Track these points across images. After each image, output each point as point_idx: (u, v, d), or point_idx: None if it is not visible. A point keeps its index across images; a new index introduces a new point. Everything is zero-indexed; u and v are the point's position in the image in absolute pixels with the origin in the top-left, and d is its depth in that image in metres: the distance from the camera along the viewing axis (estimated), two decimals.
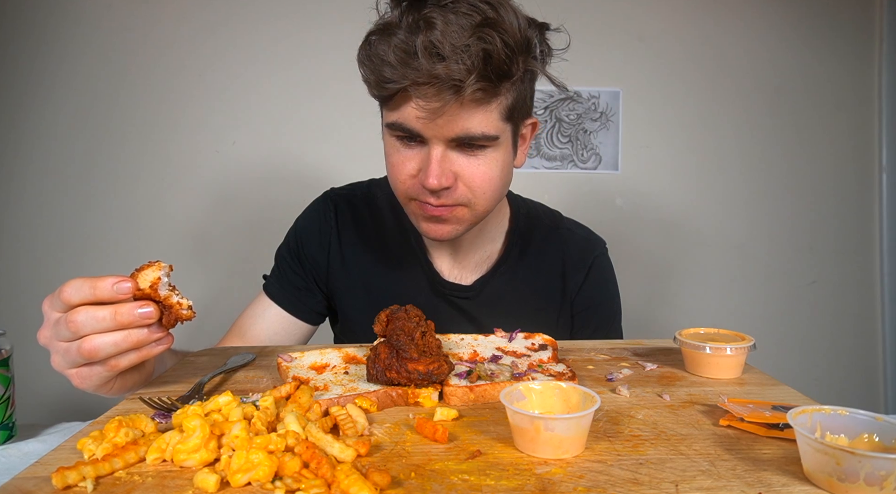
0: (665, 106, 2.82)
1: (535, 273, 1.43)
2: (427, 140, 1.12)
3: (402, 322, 0.91)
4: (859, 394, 2.95)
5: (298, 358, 1.02)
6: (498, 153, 1.17)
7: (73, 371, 0.91)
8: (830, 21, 2.85)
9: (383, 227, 1.44)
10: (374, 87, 1.11)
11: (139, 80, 2.64)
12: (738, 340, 1.00)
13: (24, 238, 2.63)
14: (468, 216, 1.21)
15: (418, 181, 1.16)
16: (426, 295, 1.41)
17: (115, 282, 0.84)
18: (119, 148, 2.65)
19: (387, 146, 1.21)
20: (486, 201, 1.20)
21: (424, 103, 1.05)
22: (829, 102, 2.88)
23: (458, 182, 1.16)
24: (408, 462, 0.68)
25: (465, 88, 1.02)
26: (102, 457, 0.66)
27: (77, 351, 0.86)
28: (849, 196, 2.91)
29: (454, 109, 1.07)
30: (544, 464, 0.67)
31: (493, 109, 1.11)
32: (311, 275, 1.46)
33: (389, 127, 1.15)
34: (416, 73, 1.02)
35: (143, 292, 0.86)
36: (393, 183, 1.22)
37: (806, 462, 0.64)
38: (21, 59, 2.59)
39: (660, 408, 0.84)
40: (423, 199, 1.17)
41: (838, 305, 2.93)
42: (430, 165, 1.11)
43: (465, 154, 1.14)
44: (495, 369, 0.93)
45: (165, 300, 0.87)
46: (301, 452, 0.64)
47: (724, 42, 2.83)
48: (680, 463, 0.67)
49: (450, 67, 1.01)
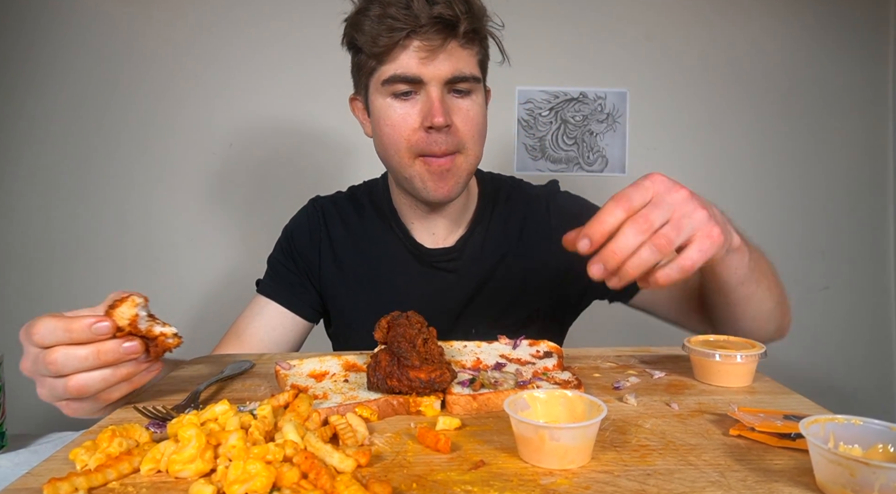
0: (673, 107, 2.83)
1: (506, 226, 1.53)
2: (425, 85, 1.28)
3: (404, 329, 0.91)
4: (874, 403, 2.94)
5: (297, 366, 1.02)
6: (480, 98, 1.36)
7: (63, 404, 0.90)
8: (843, 20, 2.85)
9: (365, 219, 1.55)
10: (374, 43, 1.26)
11: (134, 81, 2.65)
12: (748, 347, 1.00)
13: (16, 243, 2.64)
14: (464, 166, 1.36)
15: (422, 131, 1.29)
16: (414, 268, 1.50)
17: (91, 323, 0.82)
18: (114, 151, 2.66)
19: (382, 111, 1.33)
20: (475, 146, 1.36)
21: (426, 43, 1.24)
22: (842, 103, 2.88)
23: (455, 125, 1.31)
24: (409, 472, 0.68)
25: (459, 25, 1.24)
26: (95, 468, 0.66)
27: (64, 388, 0.85)
28: (862, 200, 2.91)
29: (448, 49, 1.26)
30: (549, 475, 0.67)
31: (474, 55, 1.33)
32: (304, 272, 1.53)
33: (388, 82, 1.29)
34: (415, 19, 1.22)
35: (123, 329, 0.84)
36: (395, 143, 1.33)
37: (819, 473, 0.64)
38: (13, 60, 2.60)
39: (668, 417, 0.84)
40: (429, 150, 1.30)
41: (852, 311, 2.93)
42: (433, 105, 1.27)
43: (456, 98, 1.32)
44: (499, 377, 0.93)
45: (148, 333, 0.86)
46: (300, 462, 0.64)
47: (733, 41, 2.83)
48: (689, 474, 0.67)
49: (444, 8, 1.23)
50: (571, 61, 2.79)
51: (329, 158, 2.69)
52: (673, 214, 0.89)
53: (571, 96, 2.80)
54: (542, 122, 2.80)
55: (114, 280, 2.67)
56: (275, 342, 1.47)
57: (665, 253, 0.87)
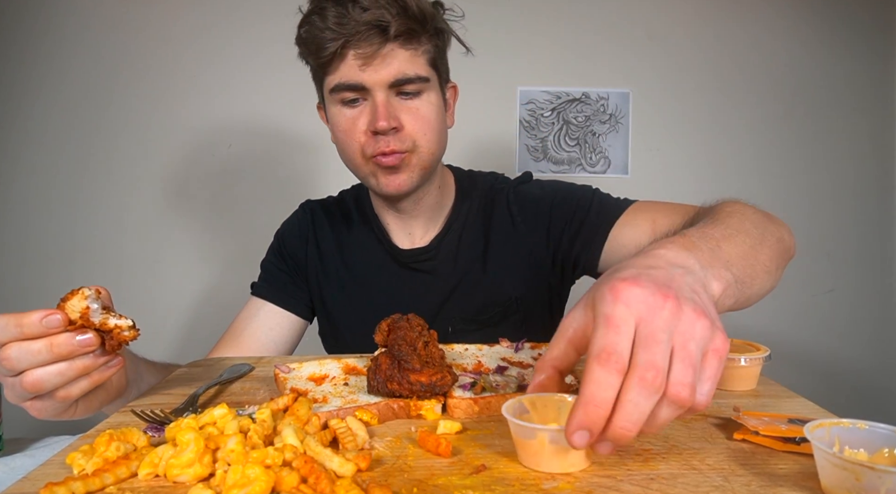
0: (677, 107, 2.83)
1: (476, 221, 1.54)
2: (369, 90, 1.30)
3: (404, 332, 0.91)
4: (879, 407, 2.93)
5: (296, 369, 1.02)
6: (432, 98, 1.36)
7: (27, 404, 0.89)
8: (849, 19, 2.85)
9: (351, 221, 1.60)
10: (314, 55, 1.30)
11: (132, 81, 2.66)
12: (752, 350, 0.99)
13: (12, 242, 2.64)
14: (417, 162, 1.37)
15: (369, 134, 1.32)
16: (393, 270, 1.53)
17: (42, 316, 0.81)
18: (111, 151, 2.66)
19: (333, 118, 1.37)
20: (428, 144, 1.37)
21: (361, 50, 1.26)
22: (848, 104, 2.88)
23: (403, 125, 1.32)
24: (410, 476, 0.68)
25: (389, 27, 1.25)
26: (93, 472, 0.66)
27: (21, 386, 0.84)
28: (868, 202, 2.90)
29: (387, 52, 1.28)
30: (552, 479, 0.66)
31: (420, 55, 1.33)
32: (295, 272, 1.59)
33: (335, 91, 1.32)
34: (348, 28, 1.24)
35: (76, 323, 0.83)
36: (348, 149, 1.37)
37: (824, 477, 0.63)
38: (10, 59, 2.60)
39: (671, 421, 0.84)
40: (377, 151, 1.32)
41: (857, 314, 2.92)
42: (377, 110, 1.29)
43: (404, 99, 1.33)
44: (501, 380, 0.93)
45: (102, 326, 0.84)
46: (299, 466, 0.64)
47: (738, 41, 2.83)
48: (692, 479, 0.67)
49: (373, 13, 1.24)
50: (574, 61, 2.79)
51: (327, 161, 2.68)
52: (674, 343, 0.63)
53: (574, 97, 2.80)
54: (543, 122, 2.80)
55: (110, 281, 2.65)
56: (273, 342, 1.51)
57: (688, 404, 0.63)
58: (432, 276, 1.51)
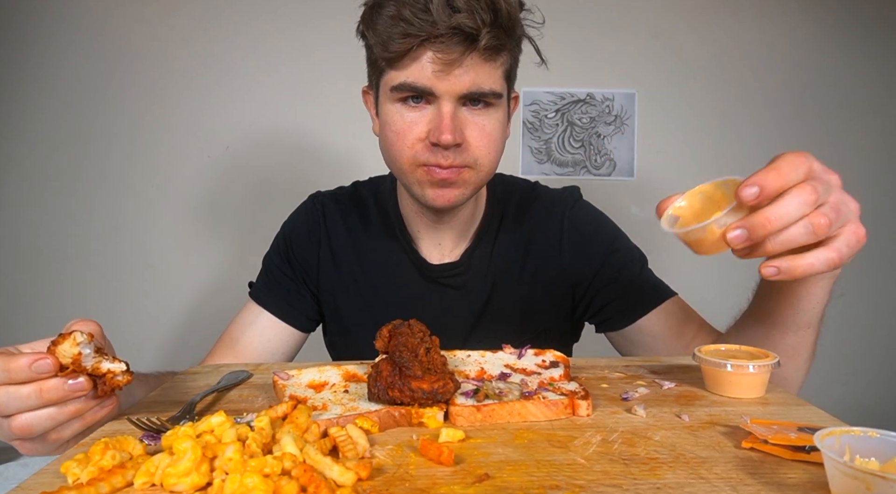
0: (683, 108, 2.83)
1: (516, 237, 1.49)
2: (437, 98, 1.20)
3: (405, 338, 0.91)
4: (891, 415, 2.93)
5: (296, 376, 1.02)
6: (499, 113, 1.28)
7: (16, 444, 0.88)
8: (858, 18, 2.85)
9: (369, 222, 1.51)
10: (385, 47, 1.18)
11: (127, 83, 2.67)
12: (761, 357, 0.99)
13: (9, 245, 2.65)
14: (473, 179, 1.29)
15: (427, 143, 1.23)
16: (418, 282, 1.46)
17: (31, 362, 0.78)
18: (106, 153, 2.67)
19: (388, 115, 1.27)
20: (489, 163, 1.29)
21: (442, 55, 1.15)
22: (858, 105, 2.88)
23: (467, 140, 1.24)
24: (411, 485, 0.68)
25: (480, 39, 1.14)
26: (87, 482, 0.66)
27: (9, 429, 0.82)
28: (880, 204, 2.90)
29: (467, 62, 1.17)
30: (556, 488, 0.67)
31: (498, 67, 1.24)
32: (301, 276, 1.50)
33: (397, 89, 1.22)
34: (432, 26, 1.13)
35: (67, 368, 0.81)
36: (398, 151, 1.27)
37: (834, 487, 0.63)
38: (4, 60, 2.61)
39: (678, 429, 0.84)
40: (433, 162, 1.24)
41: (868, 319, 2.92)
42: (443, 122, 1.20)
43: (472, 112, 1.24)
44: (504, 387, 0.93)
45: (95, 371, 0.83)
46: (298, 475, 0.64)
47: (745, 39, 2.83)
48: (700, 488, 0.67)
49: (465, 17, 1.12)
50: (578, 61, 2.79)
51: (325, 162, 2.70)
52: (833, 197, 0.83)
53: (578, 98, 2.81)
54: (547, 124, 2.81)
55: (105, 285, 2.67)
56: (270, 353, 1.46)
57: (820, 236, 0.80)
58: (462, 291, 1.45)
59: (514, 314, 1.46)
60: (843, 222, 0.83)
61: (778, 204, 0.79)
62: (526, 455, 0.75)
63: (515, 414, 0.87)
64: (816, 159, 0.85)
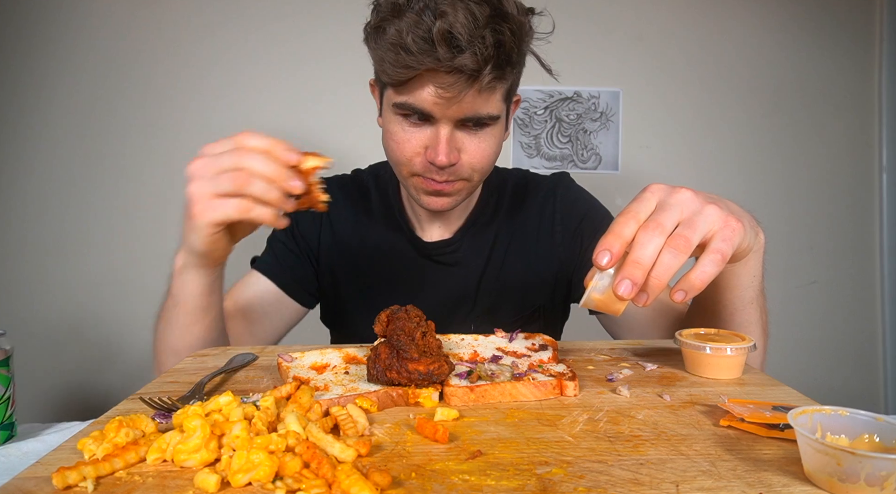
0: (665, 106, 2.83)
1: (509, 218, 1.50)
2: (436, 121, 1.21)
3: (403, 322, 0.91)
4: (860, 394, 2.95)
5: (299, 358, 1.02)
6: (496, 130, 1.29)
7: (208, 198, 0.95)
8: (830, 20, 2.85)
9: (369, 203, 1.53)
10: (389, 71, 1.16)
11: (139, 82, 2.65)
12: (738, 340, 1.00)
13: (25, 239, 2.64)
14: (466, 189, 1.32)
15: (424, 158, 1.25)
16: (413, 258, 1.48)
17: (287, 148, 0.94)
18: (120, 150, 2.66)
19: (390, 124, 1.27)
20: (482, 175, 1.33)
21: (442, 91, 1.14)
22: (829, 102, 2.88)
23: (462, 159, 1.25)
24: (408, 462, 0.68)
25: (482, 78, 1.12)
26: (103, 457, 0.66)
27: (231, 177, 0.93)
28: (849, 196, 2.91)
29: (467, 96, 1.16)
30: (545, 464, 0.67)
31: (498, 92, 1.23)
32: (305, 252, 1.51)
33: (398, 107, 1.22)
34: (435, 62, 1.09)
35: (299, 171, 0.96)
36: (396, 159, 1.30)
37: (806, 462, 0.64)
38: (21, 61, 2.60)
39: (660, 408, 0.84)
40: (428, 175, 1.26)
41: (838, 305, 2.93)
42: (439, 144, 1.21)
43: (468, 133, 1.25)
44: (496, 369, 0.93)
45: (310, 186, 0.97)
46: (302, 452, 0.64)
47: (724, 42, 2.83)
48: (680, 464, 0.67)
49: (468, 59, 1.08)
50: (566, 62, 2.74)
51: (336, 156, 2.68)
52: (682, 215, 0.83)
53: (566, 96, 2.80)
54: (537, 120, 2.80)
55: (121, 276, 2.66)
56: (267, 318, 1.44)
57: (685, 253, 0.81)
58: (456, 268, 1.47)
59: (507, 292, 1.47)
60: (707, 228, 0.83)
61: (634, 248, 0.81)
62: (516, 433, 0.76)
63: (507, 395, 0.88)
64: (662, 185, 0.87)
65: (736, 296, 1.11)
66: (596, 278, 0.86)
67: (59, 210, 2.65)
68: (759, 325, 1.17)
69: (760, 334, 1.18)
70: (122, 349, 2.65)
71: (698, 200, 0.85)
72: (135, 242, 2.68)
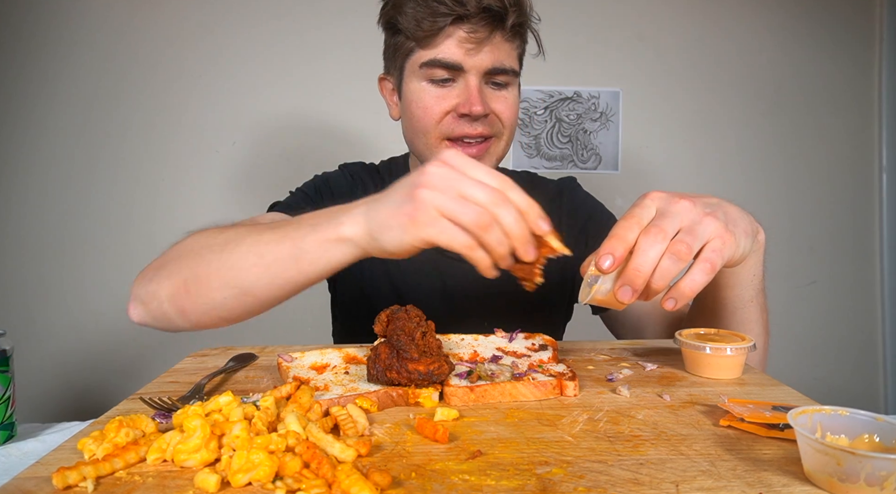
0: (665, 106, 2.83)
1: None
2: (464, 73, 1.26)
3: (403, 322, 0.91)
4: (860, 394, 2.95)
5: (299, 358, 1.02)
6: (516, 90, 1.35)
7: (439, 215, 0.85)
8: (830, 20, 2.85)
9: None
10: (415, 25, 1.23)
11: (138, 80, 2.65)
12: (737, 340, 1.00)
13: (25, 239, 2.63)
14: (496, 151, 1.35)
15: (455, 116, 1.28)
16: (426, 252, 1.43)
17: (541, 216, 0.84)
18: (118, 148, 2.65)
19: (414, 93, 1.30)
20: (509, 134, 1.36)
21: (473, 34, 1.22)
22: (830, 102, 2.88)
23: (494, 110, 1.30)
24: (408, 462, 0.68)
25: (507, 19, 1.22)
26: (103, 457, 0.66)
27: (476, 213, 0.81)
28: (849, 196, 2.91)
29: (494, 41, 1.24)
30: (544, 464, 0.67)
31: (515, 49, 1.32)
32: None
33: (427, 65, 1.26)
34: (462, 6, 1.19)
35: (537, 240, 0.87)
36: (425, 126, 1.31)
37: (806, 462, 0.64)
38: (20, 61, 2.59)
39: (660, 408, 0.85)
40: (460, 133, 1.29)
41: (838, 305, 2.93)
42: (472, 94, 1.25)
43: (494, 88, 1.30)
44: (495, 369, 0.93)
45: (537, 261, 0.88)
46: (302, 452, 0.64)
47: (724, 42, 2.83)
48: (680, 464, 0.67)
49: (494, 1, 1.20)
50: (566, 62, 2.78)
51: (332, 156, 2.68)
52: (682, 223, 0.85)
53: (566, 96, 2.80)
54: (537, 120, 2.80)
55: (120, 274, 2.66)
56: None
57: (685, 260, 0.84)
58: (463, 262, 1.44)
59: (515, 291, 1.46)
60: (705, 236, 0.85)
61: (636, 254, 0.83)
62: (516, 433, 0.76)
63: (507, 395, 0.88)
64: (663, 193, 0.89)
65: (736, 294, 1.12)
66: (600, 282, 0.87)
67: (60, 210, 2.64)
68: (759, 323, 1.17)
69: (761, 332, 1.18)
70: (122, 349, 2.64)
71: (697, 210, 0.87)
72: (135, 241, 2.67)
